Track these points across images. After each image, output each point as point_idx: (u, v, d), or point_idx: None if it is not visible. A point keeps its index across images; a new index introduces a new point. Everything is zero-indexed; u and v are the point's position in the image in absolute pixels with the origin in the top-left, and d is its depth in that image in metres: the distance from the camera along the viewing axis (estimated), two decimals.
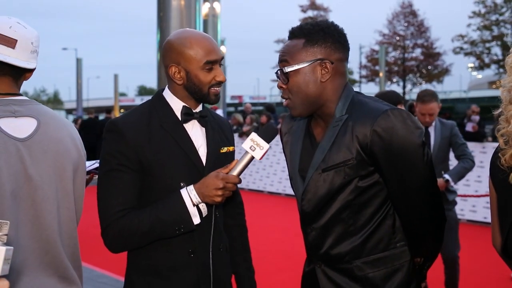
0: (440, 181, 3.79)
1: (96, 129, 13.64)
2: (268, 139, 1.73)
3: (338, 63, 1.75)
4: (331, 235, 1.75)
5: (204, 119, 1.87)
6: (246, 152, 1.72)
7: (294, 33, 1.77)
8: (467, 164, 4.08)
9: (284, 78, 1.76)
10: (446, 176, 3.94)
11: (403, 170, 1.67)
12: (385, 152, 1.64)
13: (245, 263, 2.07)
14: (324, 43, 1.73)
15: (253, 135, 1.72)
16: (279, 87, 1.79)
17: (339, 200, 1.72)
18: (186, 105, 1.84)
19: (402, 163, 1.66)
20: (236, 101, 53.65)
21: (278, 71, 1.77)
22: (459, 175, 4.02)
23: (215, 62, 1.80)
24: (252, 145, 1.71)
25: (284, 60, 1.76)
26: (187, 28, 1.89)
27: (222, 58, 1.83)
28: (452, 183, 3.96)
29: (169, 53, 1.80)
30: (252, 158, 1.73)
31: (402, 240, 1.76)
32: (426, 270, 1.89)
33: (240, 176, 1.74)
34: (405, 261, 1.76)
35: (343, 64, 1.78)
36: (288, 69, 1.73)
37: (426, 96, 3.97)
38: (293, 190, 1.87)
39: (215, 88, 1.82)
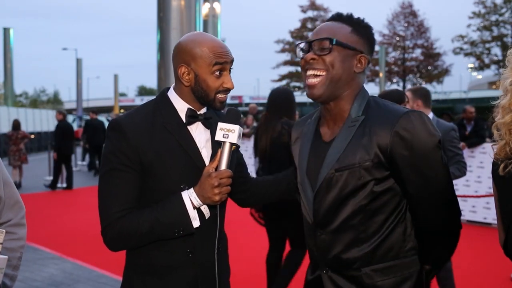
0: None
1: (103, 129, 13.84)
2: (234, 121, 1.73)
3: (368, 63, 1.78)
4: (341, 240, 1.70)
5: (209, 121, 1.85)
6: (223, 143, 1.72)
7: (341, 18, 1.76)
8: (459, 172, 3.84)
9: (326, 49, 1.69)
10: None
11: (422, 173, 1.63)
12: (406, 154, 1.61)
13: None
14: (367, 40, 1.75)
15: (220, 124, 1.73)
16: (311, 58, 1.71)
17: (351, 205, 1.67)
18: (191, 107, 1.82)
19: (421, 166, 1.63)
20: (236, 101, 53.64)
21: (317, 41, 1.70)
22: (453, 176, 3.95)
23: (225, 64, 1.77)
24: (224, 134, 1.72)
25: (329, 37, 1.69)
26: (200, 31, 1.87)
27: (233, 61, 1.80)
28: None
29: (179, 54, 1.79)
30: (231, 145, 1.72)
31: (412, 248, 1.72)
32: (432, 277, 1.86)
33: None
34: (414, 270, 1.72)
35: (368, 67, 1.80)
36: (336, 43, 1.68)
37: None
38: (301, 195, 1.81)
39: (221, 95, 1.80)
